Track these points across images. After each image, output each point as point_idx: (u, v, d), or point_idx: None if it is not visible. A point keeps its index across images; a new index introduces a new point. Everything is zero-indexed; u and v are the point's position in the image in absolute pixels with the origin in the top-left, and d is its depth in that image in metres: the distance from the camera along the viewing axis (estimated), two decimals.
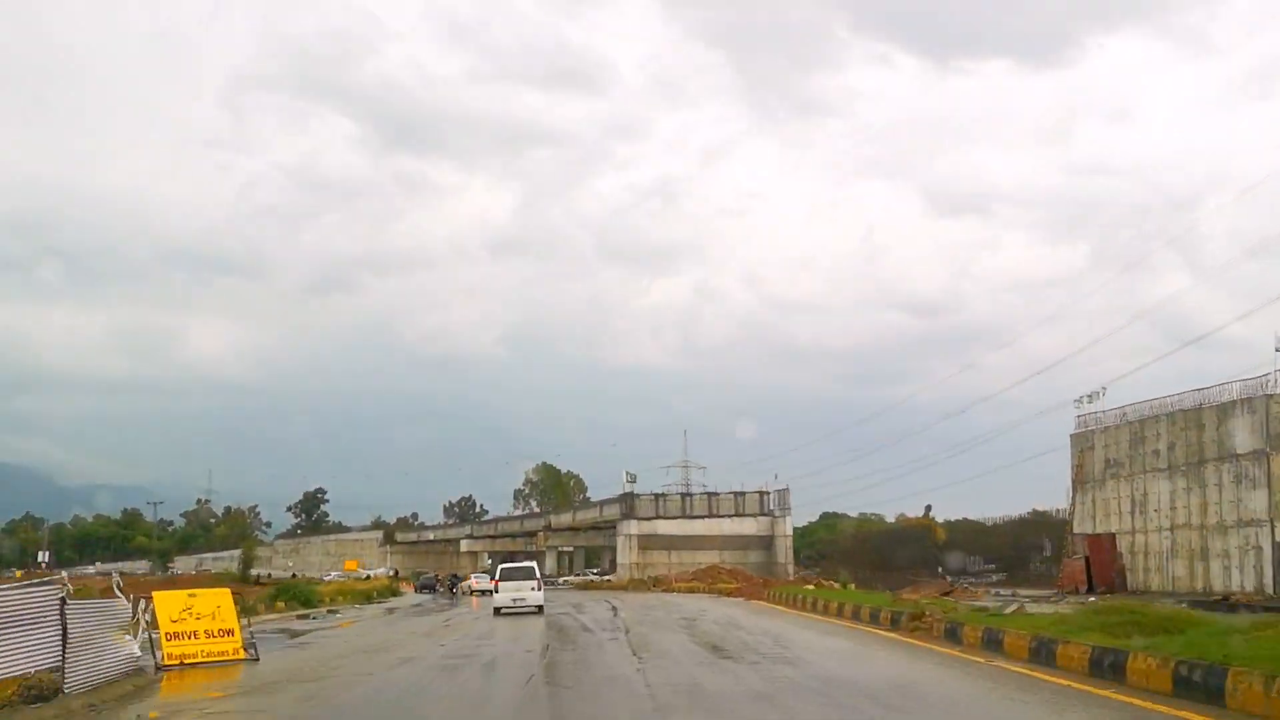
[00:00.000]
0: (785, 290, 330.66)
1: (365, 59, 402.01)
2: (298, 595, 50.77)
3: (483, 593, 66.57)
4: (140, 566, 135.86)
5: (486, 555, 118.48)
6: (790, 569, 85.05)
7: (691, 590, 61.58)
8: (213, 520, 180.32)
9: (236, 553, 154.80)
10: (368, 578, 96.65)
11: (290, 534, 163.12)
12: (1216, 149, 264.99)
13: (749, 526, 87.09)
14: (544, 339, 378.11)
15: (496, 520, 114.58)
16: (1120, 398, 52.38)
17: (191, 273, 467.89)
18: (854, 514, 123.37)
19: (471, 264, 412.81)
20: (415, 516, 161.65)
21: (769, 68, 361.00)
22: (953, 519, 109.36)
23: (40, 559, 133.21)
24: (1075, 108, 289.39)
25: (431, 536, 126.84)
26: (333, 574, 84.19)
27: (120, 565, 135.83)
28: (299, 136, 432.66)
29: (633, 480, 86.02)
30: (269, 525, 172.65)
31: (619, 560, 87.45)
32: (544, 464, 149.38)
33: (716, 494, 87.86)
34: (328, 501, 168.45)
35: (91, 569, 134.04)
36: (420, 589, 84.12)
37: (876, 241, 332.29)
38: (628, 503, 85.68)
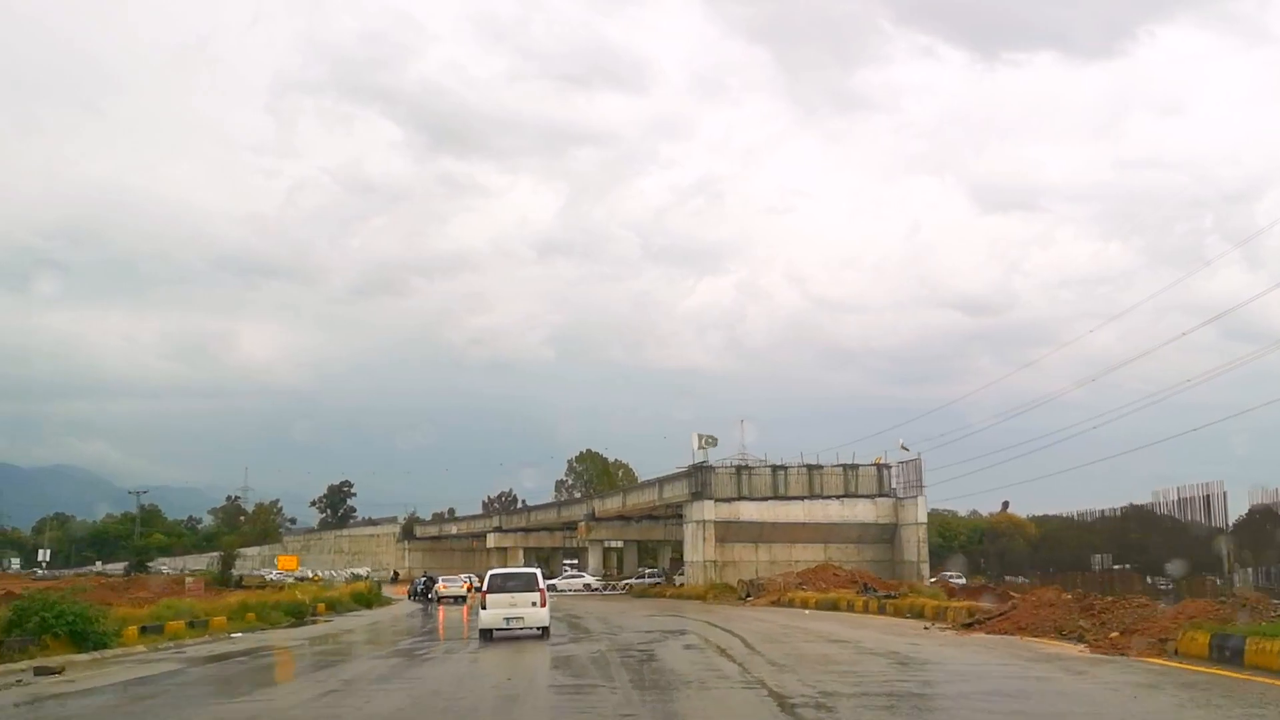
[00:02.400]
0: (831, 289, 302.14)
1: (407, 62, 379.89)
2: (57, 624, 21.79)
3: (454, 600, 48.84)
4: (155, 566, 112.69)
5: (521, 552, 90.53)
6: (924, 570, 55.84)
7: (836, 605, 31.89)
8: (241, 518, 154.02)
9: (254, 550, 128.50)
10: (367, 578, 68.42)
11: (302, 530, 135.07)
12: (1272, 141, 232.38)
13: (864, 511, 57.84)
14: (590, 340, 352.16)
15: (529, 510, 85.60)
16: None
17: (240, 277, 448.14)
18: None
19: (517, 265, 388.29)
20: (451, 512, 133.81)
21: (812, 63, 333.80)
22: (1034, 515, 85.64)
23: (40, 557, 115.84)
24: (1126, 100, 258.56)
25: (455, 531, 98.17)
26: (273, 574, 55.70)
27: (118, 566, 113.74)
28: (344, 140, 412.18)
29: (711, 443, 56.48)
30: (293, 521, 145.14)
31: (687, 557, 58.07)
32: (588, 451, 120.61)
33: (820, 467, 58.12)
34: (354, 495, 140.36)
35: (87, 569, 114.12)
36: (413, 596, 55.80)
37: (923, 238, 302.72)
38: (700, 478, 56.28)
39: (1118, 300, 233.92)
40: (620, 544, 76.99)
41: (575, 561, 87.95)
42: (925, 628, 22.25)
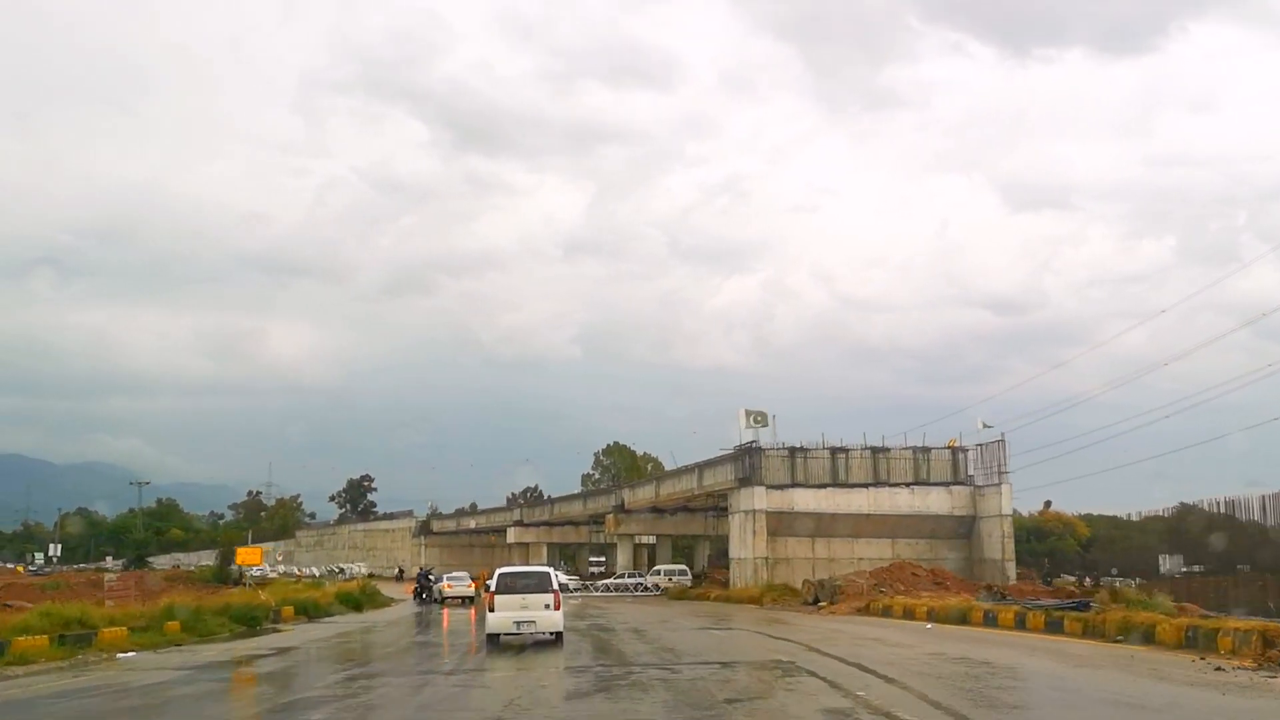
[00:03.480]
0: (858, 287, 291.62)
1: (434, 61, 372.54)
2: None
3: (461, 600, 42.57)
4: (168, 562, 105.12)
5: (544, 548, 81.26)
6: (1010, 570, 46.30)
7: (966, 617, 22.15)
8: (263, 514, 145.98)
9: (269, 545, 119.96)
10: (357, 575, 59.23)
11: (318, 525, 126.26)
12: None
13: (938, 501, 48.40)
14: (617, 338, 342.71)
15: (552, 502, 76.21)
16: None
17: (270, 275, 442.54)
18: None
19: (545, 264, 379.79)
20: (474, 507, 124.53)
21: (839, 60, 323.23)
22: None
23: (51, 552, 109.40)
24: (1157, 96, 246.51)
25: (473, 525, 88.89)
26: (255, 571, 46.65)
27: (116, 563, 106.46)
28: (372, 140, 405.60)
29: (761, 422, 47.08)
30: (313, 516, 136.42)
31: (734, 553, 48.54)
32: (616, 444, 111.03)
33: (886, 450, 48.62)
34: (375, 490, 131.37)
35: (96, 564, 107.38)
36: (418, 595, 47.00)
37: (951, 237, 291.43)
38: (749, 461, 46.81)
39: (1149, 299, 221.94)
40: (652, 539, 67.40)
41: (603, 559, 78.56)
42: (1216, 668, 12.67)
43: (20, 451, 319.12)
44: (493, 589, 19.65)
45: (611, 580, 59.88)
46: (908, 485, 48.54)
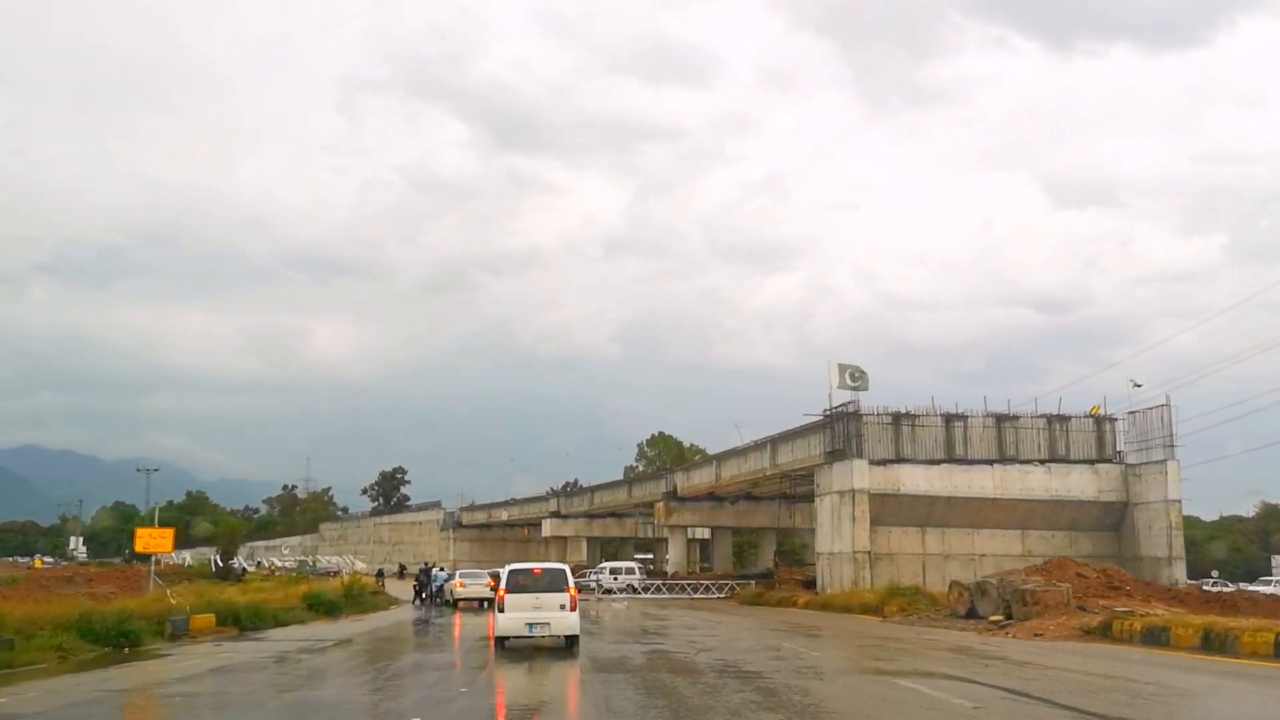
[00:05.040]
0: (899, 286, 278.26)
1: (473, 60, 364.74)
2: None
3: (479, 603, 32.77)
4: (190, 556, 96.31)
5: (584, 542, 70.46)
6: (1179, 571, 34.45)
7: None
8: (297, 508, 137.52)
9: (295, 540, 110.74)
10: (339, 572, 48.36)
11: (346, 518, 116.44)
12: None
13: (1081, 484, 37.09)
14: (656, 337, 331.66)
15: (593, 491, 65.23)
16: None
17: (313, 275, 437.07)
18: None
19: (584, 262, 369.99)
20: (512, 500, 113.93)
21: (880, 55, 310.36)
22: None
23: (73, 546, 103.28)
24: (1206, 91, 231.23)
25: (505, 517, 78.01)
26: (235, 564, 36.20)
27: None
28: (412, 139, 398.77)
29: (858, 379, 35.58)
30: (345, 510, 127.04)
31: (822, 547, 37.19)
32: (660, 434, 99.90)
33: (1013, 419, 37.24)
34: (408, 483, 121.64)
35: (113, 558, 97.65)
36: (418, 597, 36.37)
37: (995, 235, 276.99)
38: (845, 429, 35.35)
39: (1197, 298, 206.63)
40: (709, 532, 56.03)
41: (650, 555, 67.43)
42: None
43: (70, 448, 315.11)
44: (503, 587, 17.62)
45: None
46: (1042, 463, 36.97)
